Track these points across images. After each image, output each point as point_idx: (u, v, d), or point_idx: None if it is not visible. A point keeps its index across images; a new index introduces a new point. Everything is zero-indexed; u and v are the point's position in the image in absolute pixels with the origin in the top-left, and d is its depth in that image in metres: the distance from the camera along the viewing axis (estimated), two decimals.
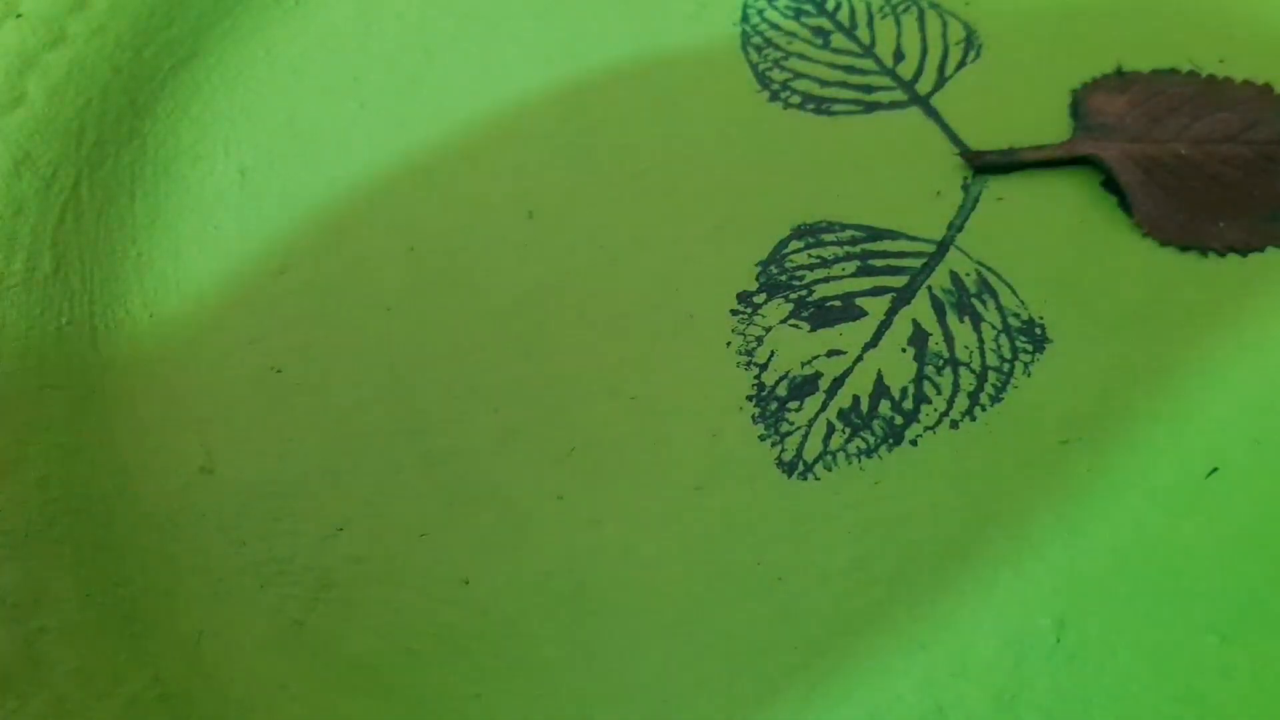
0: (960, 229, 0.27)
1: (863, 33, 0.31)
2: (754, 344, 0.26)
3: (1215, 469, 0.24)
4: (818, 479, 0.24)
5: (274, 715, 0.22)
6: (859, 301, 0.26)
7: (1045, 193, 0.28)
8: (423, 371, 0.26)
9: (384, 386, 0.26)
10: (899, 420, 0.25)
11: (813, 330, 0.26)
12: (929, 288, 0.26)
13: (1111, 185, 0.28)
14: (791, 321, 0.26)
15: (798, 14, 0.31)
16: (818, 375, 0.25)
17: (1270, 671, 0.22)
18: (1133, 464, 0.24)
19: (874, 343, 0.26)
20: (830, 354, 0.26)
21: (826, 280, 0.27)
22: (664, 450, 0.25)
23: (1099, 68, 0.30)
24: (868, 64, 0.30)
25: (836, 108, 0.29)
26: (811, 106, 0.30)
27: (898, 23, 0.31)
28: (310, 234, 0.28)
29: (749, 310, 0.26)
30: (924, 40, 0.31)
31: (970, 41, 0.30)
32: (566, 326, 0.26)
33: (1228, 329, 0.25)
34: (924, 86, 0.30)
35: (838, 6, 0.31)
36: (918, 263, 0.27)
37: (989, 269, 0.27)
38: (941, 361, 0.25)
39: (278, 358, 0.26)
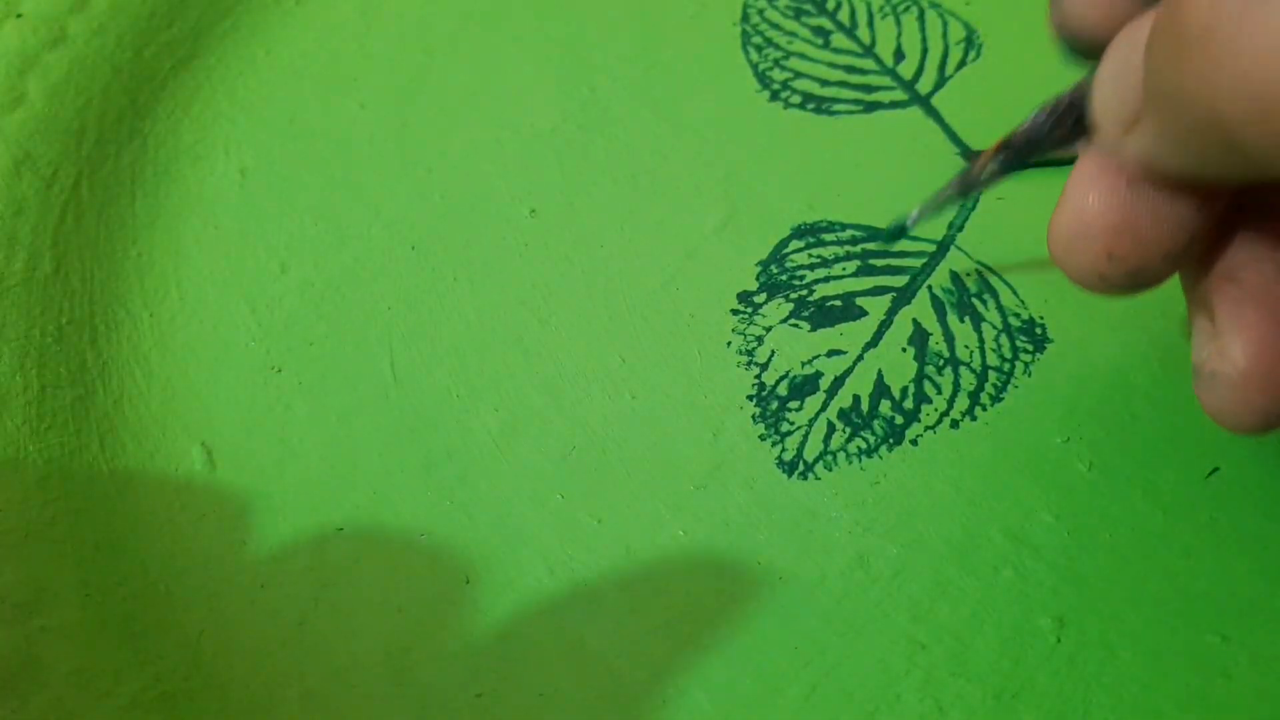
0: (960, 229, 0.27)
1: (863, 32, 0.31)
2: (754, 344, 0.26)
3: (1215, 469, 0.24)
4: (818, 479, 0.24)
5: (274, 715, 0.22)
6: (859, 301, 0.26)
7: (1045, 193, 0.28)
8: (423, 371, 0.26)
9: (384, 386, 0.26)
10: (899, 420, 0.25)
11: (813, 330, 0.26)
12: (929, 287, 0.26)
13: None
14: (792, 321, 0.26)
15: (798, 14, 0.31)
16: (818, 375, 0.25)
17: (1270, 671, 0.22)
18: (1133, 464, 0.24)
19: (874, 342, 0.26)
20: (830, 354, 0.26)
21: (827, 280, 0.27)
22: (664, 450, 0.25)
23: None
24: (868, 64, 0.30)
25: (836, 108, 0.29)
26: (811, 106, 0.30)
27: (898, 22, 0.31)
28: (310, 234, 0.28)
29: (749, 310, 0.26)
30: (924, 40, 0.31)
31: (970, 41, 0.30)
32: (566, 326, 0.26)
33: None
34: (924, 86, 0.30)
35: (838, 6, 0.31)
36: (918, 262, 0.27)
37: (989, 269, 0.27)
38: (942, 361, 0.25)
39: (278, 358, 0.26)
